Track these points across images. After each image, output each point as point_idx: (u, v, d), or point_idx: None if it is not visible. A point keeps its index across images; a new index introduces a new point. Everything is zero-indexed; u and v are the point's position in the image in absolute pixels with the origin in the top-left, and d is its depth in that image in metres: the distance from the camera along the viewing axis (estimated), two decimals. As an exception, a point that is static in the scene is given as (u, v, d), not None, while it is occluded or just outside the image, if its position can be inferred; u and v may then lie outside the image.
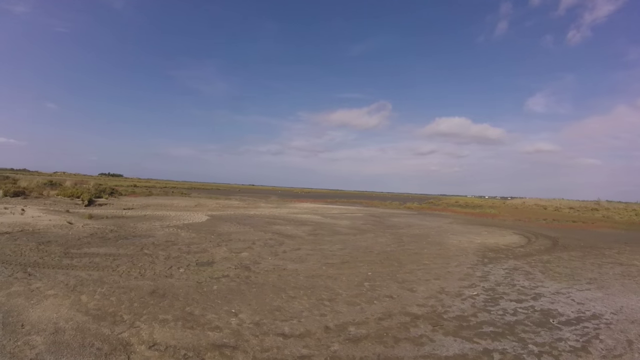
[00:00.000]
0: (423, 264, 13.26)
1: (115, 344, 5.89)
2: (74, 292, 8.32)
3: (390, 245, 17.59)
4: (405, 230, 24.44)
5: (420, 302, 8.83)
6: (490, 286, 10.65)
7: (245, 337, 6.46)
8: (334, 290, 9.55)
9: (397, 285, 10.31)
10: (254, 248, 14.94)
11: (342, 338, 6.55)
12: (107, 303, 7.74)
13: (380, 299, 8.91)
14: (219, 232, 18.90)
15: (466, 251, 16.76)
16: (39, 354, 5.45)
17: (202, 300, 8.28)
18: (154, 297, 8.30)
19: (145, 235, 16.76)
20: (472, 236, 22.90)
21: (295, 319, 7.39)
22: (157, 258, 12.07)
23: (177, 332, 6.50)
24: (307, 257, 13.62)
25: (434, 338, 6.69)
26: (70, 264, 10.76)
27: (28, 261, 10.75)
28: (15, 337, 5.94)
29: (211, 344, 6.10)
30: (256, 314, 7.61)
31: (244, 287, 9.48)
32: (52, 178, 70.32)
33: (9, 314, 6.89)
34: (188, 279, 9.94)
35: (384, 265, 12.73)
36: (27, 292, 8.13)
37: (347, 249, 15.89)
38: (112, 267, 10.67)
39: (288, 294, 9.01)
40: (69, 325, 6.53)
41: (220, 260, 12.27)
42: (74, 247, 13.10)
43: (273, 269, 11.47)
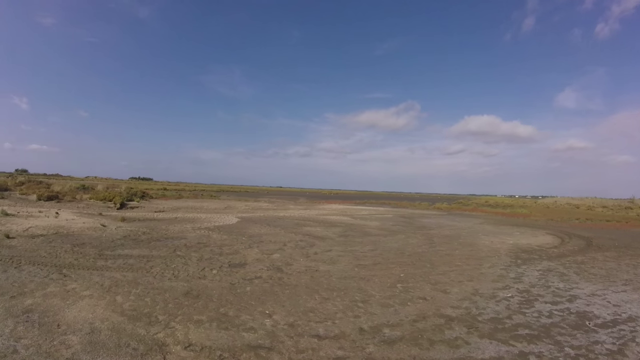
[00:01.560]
0: (455, 265, 13.05)
1: (151, 345, 5.92)
2: (109, 292, 8.43)
3: (421, 246, 17.39)
4: (435, 231, 24.15)
5: (454, 304, 8.69)
6: (524, 288, 10.41)
7: (280, 338, 6.43)
8: (367, 291, 9.45)
9: (430, 286, 10.17)
10: (285, 250, 14.95)
11: (376, 340, 6.47)
12: (142, 304, 7.82)
13: (414, 301, 8.80)
14: (250, 234, 18.98)
15: (498, 252, 16.44)
16: (75, 353, 5.50)
17: (236, 301, 8.29)
18: (188, 298, 8.35)
19: (177, 237, 16.95)
20: (504, 237, 22.46)
21: (329, 321, 7.34)
22: (189, 260, 12.18)
23: (212, 333, 6.50)
24: (338, 258, 13.54)
25: (469, 340, 6.57)
26: (104, 265, 10.94)
27: (63, 263, 10.96)
28: (51, 336, 6.02)
29: (246, 345, 6.08)
30: (290, 315, 7.58)
31: (277, 288, 9.46)
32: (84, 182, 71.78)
33: (45, 314, 7.01)
34: (221, 280, 9.97)
35: (416, 267, 12.56)
36: (62, 292, 8.27)
37: (378, 250, 15.76)
38: (145, 268, 10.81)
39: (321, 296, 8.96)
40: (104, 325, 6.60)
41: (253, 262, 12.29)
42: (107, 249, 13.33)
43: (305, 271, 11.43)
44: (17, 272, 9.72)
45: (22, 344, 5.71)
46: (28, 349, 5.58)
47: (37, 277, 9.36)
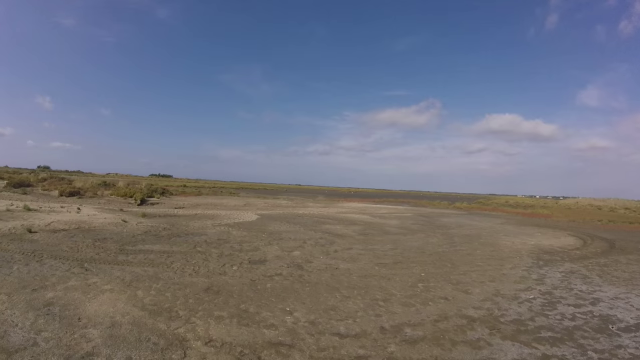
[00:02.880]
0: (477, 266, 12.91)
1: (171, 339, 5.91)
2: (130, 287, 8.47)
3: (441, 245, 17.25)
4: (456, 231, 23.98)
5: (476, 304, 8.59)
6: (546, 290, 10.25)
7: (301, 335, 6.38)
8: (388, 290, 9.37)
9: (451, 286, 10.06)
10: (305, 247, 14.91)
11: (398, 339, 6.40)
12: (162, 299, 7.83)
13: (435, 301, 8.71)
14: (270, 231, 18.99)
15: (520, 253, 16.23)
16: (95, 347, 5.51)
17: (257, 298, 8.27)
18: (208, 293, 8.34)
19: (198, 233, 17.03)
20: (525, 237, 22.19)
21: (350, 319, 7.28)
22: (210, 256, 12.21)
23: (233, 329, 6.48)
24: (358, 256, 13.47)
25: (491, 342, 6.47)
26: (125, 260, 11.01)
27: (85, 257, 11.06)
28: (72, 330, 6.05)
29: (267, 342, 6.05)
30: (311, 312, 7.54)
31: (298, 285, 9.42)
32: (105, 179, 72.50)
33: (66, 307, 7.05)
34: (242, 276, 9.96)
35: (437, 266, 12.46)
36: (84, 286, 8.32)
37: (398, 249, 15.66)
38: (166, 263, 10.86)
39: (342, 294, 8.90)
40: (125, 319, 6.61)
41: (273, 259, 12.28)
42: (128, 244, 13.44)
43: (325, 268, 11.37)
44: (39, 266, 9.82)
45: (42, 337, 5.73)
46: (48, 341, 5.59)
47: (58, 271, 9.44)
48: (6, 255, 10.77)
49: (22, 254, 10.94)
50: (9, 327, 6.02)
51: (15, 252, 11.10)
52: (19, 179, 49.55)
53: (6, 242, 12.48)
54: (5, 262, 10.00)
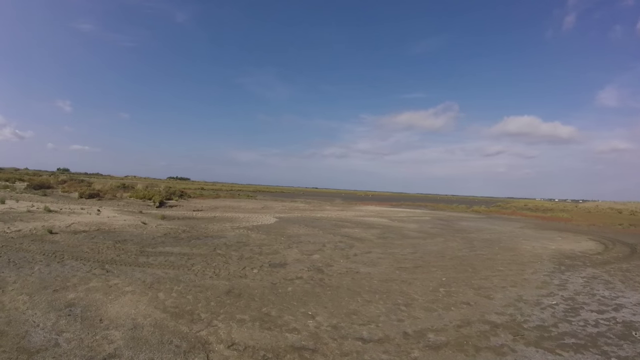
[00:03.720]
0: (498, 270, 12.74)
1: (193, 342, 5.85)
2: (151, 289, 8.45)
3: (461, 250, 17.06)
4: (475, 235, 23.72)
5: (498, 310, 8.46)
6: (569, 295, 10.06)
7: (323, 340, 6.30)
8: (410, 295, 9.27)
9: (473, 291, 9.93)
10: (325, 250, 14.83)
11: (421, 345, 6.30)
12: (184, 301, 7.79)
13: (458, 306, 8.59)
14: (289, 234, 18.96)
15: (541, 257, 15.97)
16: (117, 348, 5.47)
17: (278, 301, 8.20)
18: (230, 296, 8.29)
19: (217, 236, 17.05)
20: (545, 242, 21.87)
21: (372, 324, 7.19)
22: (230, 258, 12.18)
23: (255, 333, 6.41)
24: (378, 260, 13.36)
25: (515, 348, 6.35)
26: (146, 262, 11.03)
27: (105, 258, 11.10)
28: (93, 331, 6.03)
29: (290, 346, 5.98)
30: (333, 317, 7.46)
31: (319, 289, 9.34)
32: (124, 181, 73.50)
33: (87, 308, 7.04)
34: (262, 279, 9.91)
35: (458, 271, 12.32)
36: (105, 287, 8.33)
37: (418, 253, 15.52)
38: (187, 266, 10.85)
39: (363, 298, 8.81)
40: (147, 321, 6.58)
41: (293, 262, 12.22)
42: (149, 246, 13.49)
43: (346, 272, 11.29)
44: (60, 267, 9.86)
45: (64, 338, 5.71)
46: (70, 342, 5.57)
47: (79, 272, 9.48)
48: (27, 255, 10.85)
49: (43, 255, 11.01)
50: (30, 328, 6.02)
51: (36, 253, 11.18)
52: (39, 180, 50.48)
53: (27, 242, 12.58)
54: (27, 263, 10.06)
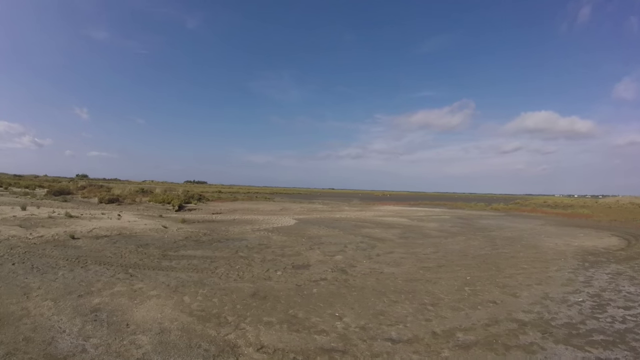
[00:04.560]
0: (522, 268, 12.56)
1: (222, 346, 5.80)
2: (176, 293, 8.43)
3: (484, 248, 16.86)
4: (496, 233, 23.43)
5: (525, 308, 8.34)
6: (595, 292, 9.90)
7: (352, 341, 6.22)
8: (435, 294, 9.16)
9: (498, 290, 9.79)
10: (347, 251, 14.74)
11: (451, 344, 6.21)
12: (209, 304, 7.75)
13: (484, 305, 8.48)
14: (309, 236, 18.89)
15: (564, 254, 15.71)
16: (145, 353, 5.44)
17: (304, 303, 8.13)
18: (255, 299, 8.23)
19: (238, 238, 17.06)
20: (568, 238, 21.50)
21: (401, 324, 7.10)
22: (253, 261, 12.15)
23: (284, 335, 6.34)
24: (401, 260, 13.23)
25: (544, 346, 6.25)
26: (169, 265, 11.04)
27: (128, 263, 11.13)
28: (120, 336, 6.00)
29: (319, 348, 5.90)
30: (360, 317, 7.38)
31: (344, 290, 9.26)
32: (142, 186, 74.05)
33: (113, 313, 7.03)
34: (287, 281, 9.85)
35: (482, 270, 12.16)
36: (130, 292, 8.32)
37: (440, 252, 15.37)
38: (210, 269, 10.82)
39: (389, 298, 8.71)
40: (174, 325, 6.54)
41: (316, 264, 12.13)
42: (171, 249, 13.52)
43: (370, 273, 11.18)
44: (84, 272, 9.89)
45: (91, 343, 5.69)
46: (97, 348, 5.54)
47: (103, 277, 9.49)
48: (50, 261, 10.92)
49: (67, 260, 11.06)
50: (57, 334, 6.01)
51: (59, 258, 11.24)
52: (59, 187, 51.13)
53: (50, 248, 12.67)
54: (50, 268, 10.12)
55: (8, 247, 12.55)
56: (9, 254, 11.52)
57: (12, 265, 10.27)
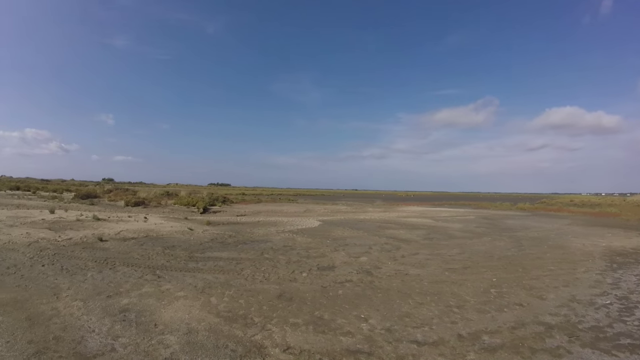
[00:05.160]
0: (548, 270, 12.33)
1: (249, 346, 5.84)
2: (203, 294, 8.52)
3: (509, 249, 16.61)
4: (522, 233, 23.07)
5: (552, 310, 8.20)
6: (623, 294, 9.67)
7: (378, 343, 6.21)
8: (461, 296, 9.07)
9: (525, 292, 9.64)
10: (372, 253, 14.69)
11: (477, 347, 6.15)
12: (236, 305, 7.82)
13: (510, 307, 8.36)
14: (334, 237, 18.88)
15: (592, 255, 15.38)
16: (173, 353, 5.51)
17: (330, 304, 8.13)
18: (281, 300, 8.27)
19: (263, 240, 17.14)
20: (595, 238, 21.04)
21: (426, 326, 7.06)
22: (278, 262, 12.21)
23: (310, 336, 6.36)
24: (426, 262, 13.14)
25: (571, 350, 6.16)
26: (196, 267, 11.17)
27: (156, 264, 11.30)
28: (149, 336, 6.10)
29: (345, 350, 5.90)
30: (386, 319, 7.35)
31: (369, 292, 9.23)
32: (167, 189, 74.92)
33: (141, 313, 7.14)
34: (312, 283, 9.86)
35: (508, 271, 11.99)
36: (157, 293, 8.44)
37: (465, 253, 15.20)
38: (236, 270, 10.92)
39: (415, 300, 8.65)
40: (201, 326, 6.61)
41: (341, 265, 12.12)
42: (197, 251, 13.66)
43: (395, 274, 11.12)
44: (112, 273, 10.07)
45: (119, 343, 5.80)
46: (126, 347, 5.65)
47: (131, 278, 9.66)
48: (79, 263, 11.14)
49: (95, 262, 11.27)
50: (86, 333, 6.14)
51: (88, 260, 11.45)
52: (86, 190, 52.15)
53: (79, 250, 12.93)
54: (79, 270, 10.33)
55: (38, 249, 12.85)
56: (38, 256, 11.79)
57: (42, 267, 10.52)
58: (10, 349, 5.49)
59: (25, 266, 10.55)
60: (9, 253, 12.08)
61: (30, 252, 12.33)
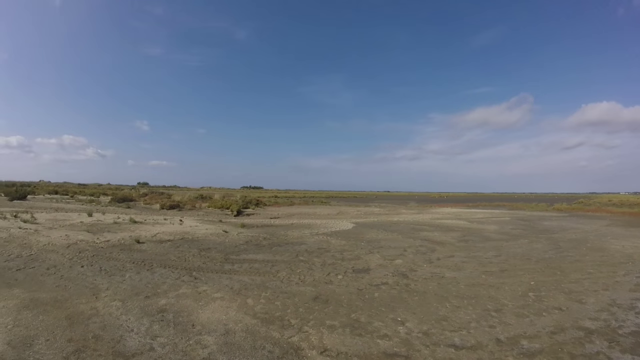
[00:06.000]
0: (587, 273, 12.00)
1: (286, 348, 5.86)
2: (240, 295, 8.59)
3: (547, 251, 16.19)
4: (560, 235, 22.45)
5: (591, 315, 7.99)
6: None
7: (415, 346, 6.14)
8: (499, 300, 8.90)
9: (564, 296, 9.39)
10: (407, 255, 14.54)
11: (515, 352, 6.03)
12: (272, 307, 7.86)
13: (549, 311, 8.17)
14: (368, 239, 18.77)
15: (632, 258, 14.88)
16: (211, 353, 5.58)
17: (366, 307, 8.09)
18: (317, 302, 8.28)
19: (297, 242, 17.18)
20: (636, 240, 20.33)
21: (464, 330, 6.95)
22: (313, 265, 12.22)
23: (347, 339, 6.33)
24: (463, 264, 12.94)
25: (611, 356, 5.99)
26: (231, 269, 11.26)
27: (192, 266, 11.45)
28: (186, 336, 6.18)
29: (382, 353, 5.86)
30: (423, 323, 7.26)
31: (405, 295, 9.14)
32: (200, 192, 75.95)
33: (179, 314, 7.24)
34: (348, 285, 9.83)
35: (546, 274, 11.70)
36: (194, 294, 8.55)
37: (502, 256, 14.90)
38: (271, 272, 10.98)
39: (452, 303, 8.54)
40: (238, 327, 6.66)
41: (376, 268, 12.04)
42: (232, 253, 13.78)
43: (431, 277, 11.00)
44: (150, 274, 10.25)
45: (158, 342, 5.89)
46: (164, 347, 5.74)
47: (169, 279, 9.82)
48: (118, 264, 11.37)
49: (133, 263, 11.49)
50: (125, 332, 6.26)
51: (126, 262, 11.69)
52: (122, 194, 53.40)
53: (116, 252, 13.21)
54: (118, 271, 10.55)
55: (77, 250, 13.18)
56: (77, 257, 12.10)
57: (81, 268, 10.78)
58: (50, 347, 5.64)
59: (64, 267, 10.84)
60: (49, 254, 12.42)
61: (70, 253, 12.66)
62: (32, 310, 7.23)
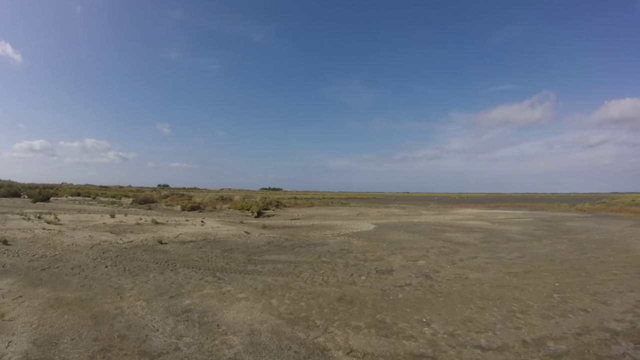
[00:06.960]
0: (613, 274, 11.77)
1: (312, 349, 5.85)
2: (264, 296, 8.61)
3: (571, 252, 15.92)
4: (584, 236, 22.03)
5: (617, 316, 7.86)
6: None
7: (442, 348, 6.10)
8: (523, 301, 8.81)
9: (589, 297, 9.24)
10: (429, 256, 14.45)
11: (541, 354, 5.97)
12: (297, 308, 7.86)
13: (575, 313, 8.06)
14: (390, 240, 18.69)
15: None
16: (237, 353, 5.59)
17: (391, 308, 8.05)
18: (342, 303, 8.26)
19: (319, 243, 17.17)
20: (661, 241, 19.89)
21: (489, 331, 6.90)
22: (336, 265, 12.20)
23: (372, 340, 6.31)
24: (486, 265, 12.81)
25: (637, 357, 5.91)
26: (254, 269, 11.30)
27: (215, 266, 11.51)
28: (212, 336, 6.21)
29: (408, 354, 5.83)
30: (448, 324, 7.22)
31: (430, 296, 9.09)
32: (221, 194, 76.50)
33: (204, 314, 7.29)
34: (372, 286, 9.80)
35: (571, 275, 11.53)
36: (218, 294, 8.59)
37: (525, 257, 14.70)
38: (295, 273, 10.99)
39: (477, 305, 8.46)
40: (263, 327, 6.67)
41: (399, 269, 11.98)
42: (255, 254, 13.83)
43: (455, 278, 10.91)
44: (174, 275, 10.33)
45: (183, 342, 5.93)
46: (190, 347, 5.77)
47: (192, 280, 9.88)
48: (142, 264, 11.48)
49: (157, 264, 11.59)
50: (150, 332, 6.31)
51: (149, 262, 11.80)
52: (144, 196, 54.00)
53: (140, 252, 13.34)
54: (142, 271, 10.64)
55: (100, 251, 13.35)
56: (101, 258, 12.24)
57: (105, 268, 10.90)
58: (76, 346, 5.71)
59: (89, 267, 10.98)
60: (73, 255, 12.59)
61: (94, 253, 12.83)
62: (57, 310, 7.34)
